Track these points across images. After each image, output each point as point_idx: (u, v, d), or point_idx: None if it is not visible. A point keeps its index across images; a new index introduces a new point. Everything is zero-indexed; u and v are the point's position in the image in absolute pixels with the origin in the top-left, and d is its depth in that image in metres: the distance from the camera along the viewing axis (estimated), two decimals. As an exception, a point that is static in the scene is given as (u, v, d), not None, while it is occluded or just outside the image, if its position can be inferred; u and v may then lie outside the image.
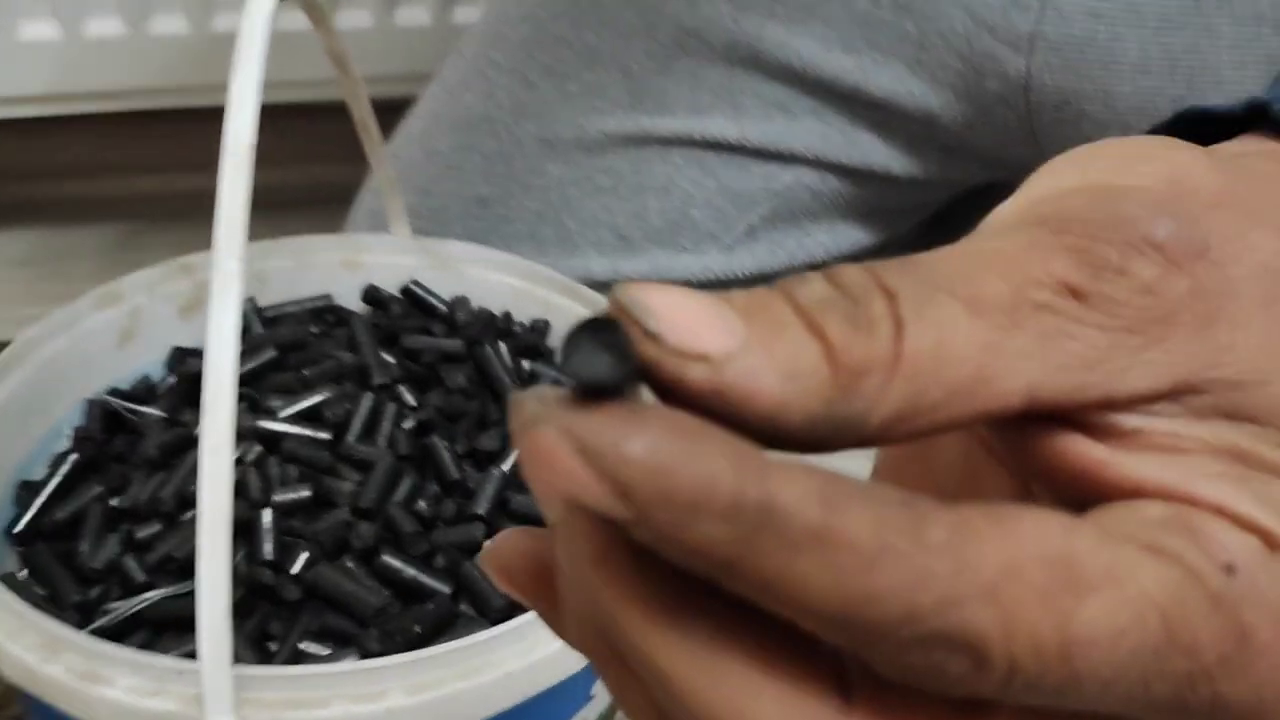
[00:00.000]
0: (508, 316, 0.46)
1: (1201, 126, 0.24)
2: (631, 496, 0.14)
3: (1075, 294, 0.17)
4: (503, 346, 0.43)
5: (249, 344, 0.42)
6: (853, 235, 0.57)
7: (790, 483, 0.14)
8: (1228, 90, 0.45)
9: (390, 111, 0.63)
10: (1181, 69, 0.46)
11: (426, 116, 0.57)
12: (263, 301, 0.45)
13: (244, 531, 0.35)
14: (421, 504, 0.37)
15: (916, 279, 0.17)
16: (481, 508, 0.37)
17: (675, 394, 0.15)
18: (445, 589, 0.35)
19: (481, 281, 0.47)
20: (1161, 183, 0.19)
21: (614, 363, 0.14)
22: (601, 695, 0.36)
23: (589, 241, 0.54)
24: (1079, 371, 0.17)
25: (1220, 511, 0.17)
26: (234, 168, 0.28)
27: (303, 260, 0.47)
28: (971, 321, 0.16)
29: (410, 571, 0.35)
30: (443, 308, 0.46)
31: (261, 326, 0.44)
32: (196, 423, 0.39)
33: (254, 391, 0.40)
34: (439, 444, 0.38)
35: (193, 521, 0.36)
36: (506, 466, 0.38)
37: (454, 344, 0.43)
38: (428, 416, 0.40)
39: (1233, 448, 0.18)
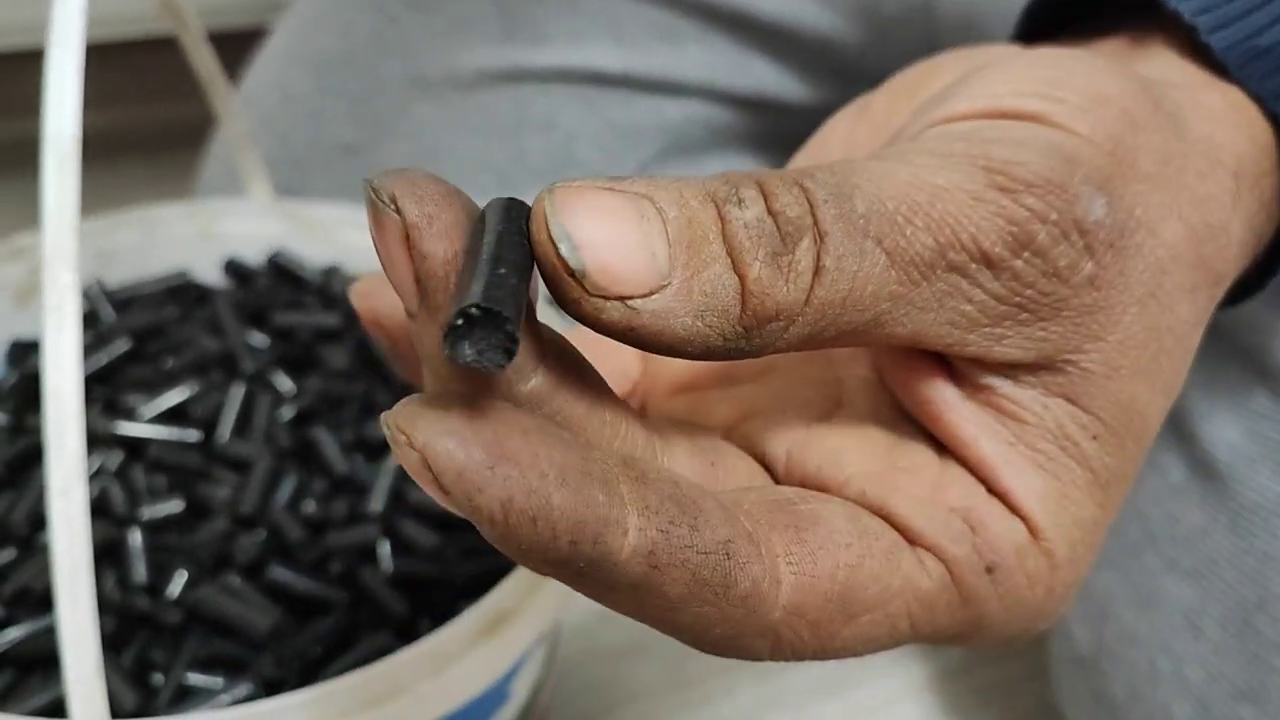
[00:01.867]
0: (387, 282, 0.42)
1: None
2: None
3: (989, 263, 0.18)
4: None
5: (99, 334, 0.38)
6: (749, 167, 0.54)
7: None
8: None
9: (241, 42, 0.58)
10: None
11: (280, 56, 0.52)
12: (111, 282, 0.41)
13: (112, 553, 0.32)
14: (309, 505, 0.34)
15: (850, 220, 0.17)
16: (376, 505, 0.34)
17: (587, 324, 0.17)
18: (342, 599, 0.32)
19: (356, 246, 0.43)
20: (1108, 140, 0.19)
21: (502, 356, 0.15)
22: (519, 692, 0.34)
23: (468, 187, 0.50)
24: (962, 330, 0.19)
25: (1006, 496, 0.19)
26: (58, 164, 0.24)
27: (153, 233, 0.42)
28: (885, 273, 0.18)
29: (303, 584, 0.32)
30: (315, 279, 0.42)
31: (113, 311, 0.40)
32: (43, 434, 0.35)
33: (109, 389, 0.36)
34: (322, 435, 0.35)
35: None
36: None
37: (331, 319, 0.40)
38: (307, 404, 0.36)
39: (1059, 429, 0.19)
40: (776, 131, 0.53)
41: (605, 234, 0.16)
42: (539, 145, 0.50)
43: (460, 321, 0.15)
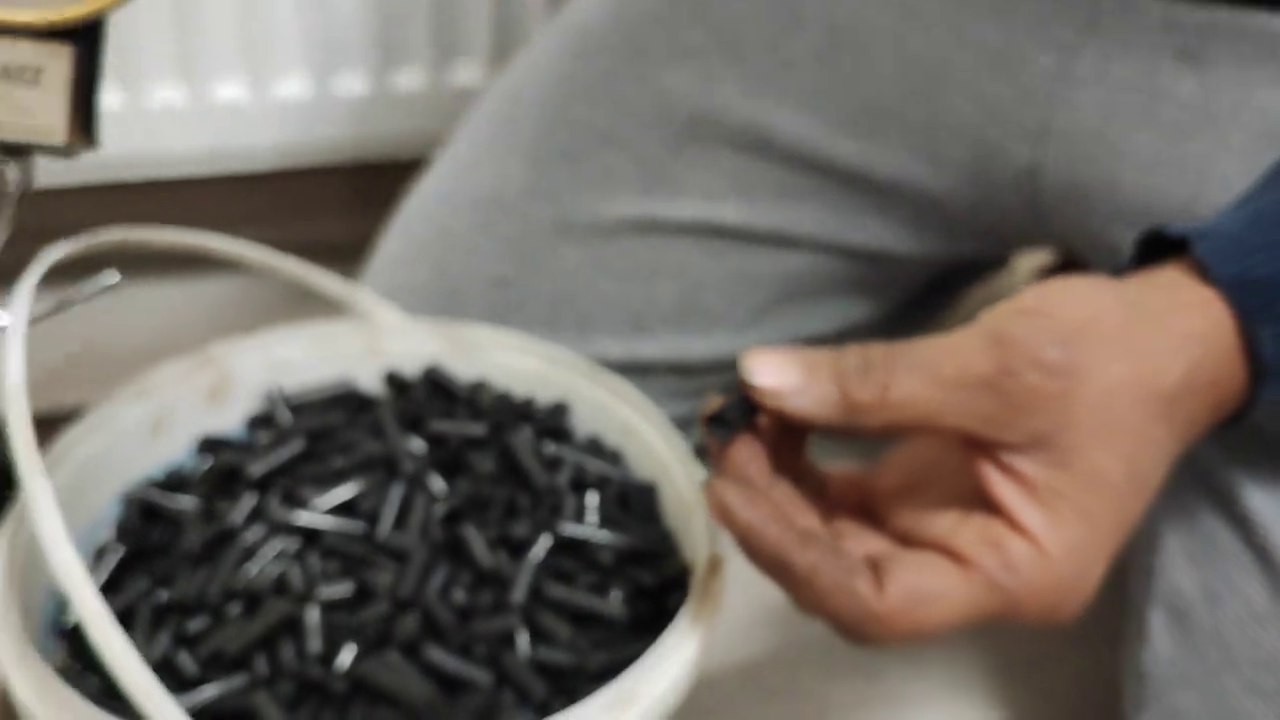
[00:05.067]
0: (529, 400, 0.47)
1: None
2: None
3: (988, 384, 0.32)
4: (526, 430, 0.45)
5: (278, 434, 0.43)
6: (855, 310, 0.59)
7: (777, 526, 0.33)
8: (1233, 192, 0.47)
9: (389, 172, 0.65)
10: (1191, 173, 0.48)
11: (439, 193, 0.58)
12: (288, 388, 0.46)
13: (291, 627, 0.36)
14: (458, 594, 0.38)
15: (906, 361, 0.33)
16: (518, 597, 0.38)
17: (762, 407, 0.34)
18: (487, 679, 0.36)
19: (502, 365, 0.48)
20: (1073, 319, 0.33)
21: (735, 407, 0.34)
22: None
23: (605, 323, 0.55)
24: (983, 423, 0.33)
25: (1020, 528, 0.33)
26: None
27: (325, 347, 0.48)
28: (928, 388, 0.33)
29: (453, 664, 0.36)
30: (465, 392, 0.47)
31: (289, 414, 0.45)
32: (231, 513, 0.40)
33: (289, 482, 0.41)
34: (470, 532, 0.40)
35: (240, 616, 0.37)
36: (540, 552, 0.40)
37: (478, 428, 0.44)
38: (457, 504, 0.41)
39: (1050, 484, 0.33)
40: (882, 278, 0.58)
41: (766, 360, 0.34)
42: (669, 289, 0.55)
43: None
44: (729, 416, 0.34)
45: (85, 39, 0.36)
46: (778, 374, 0.33)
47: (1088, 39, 0.48)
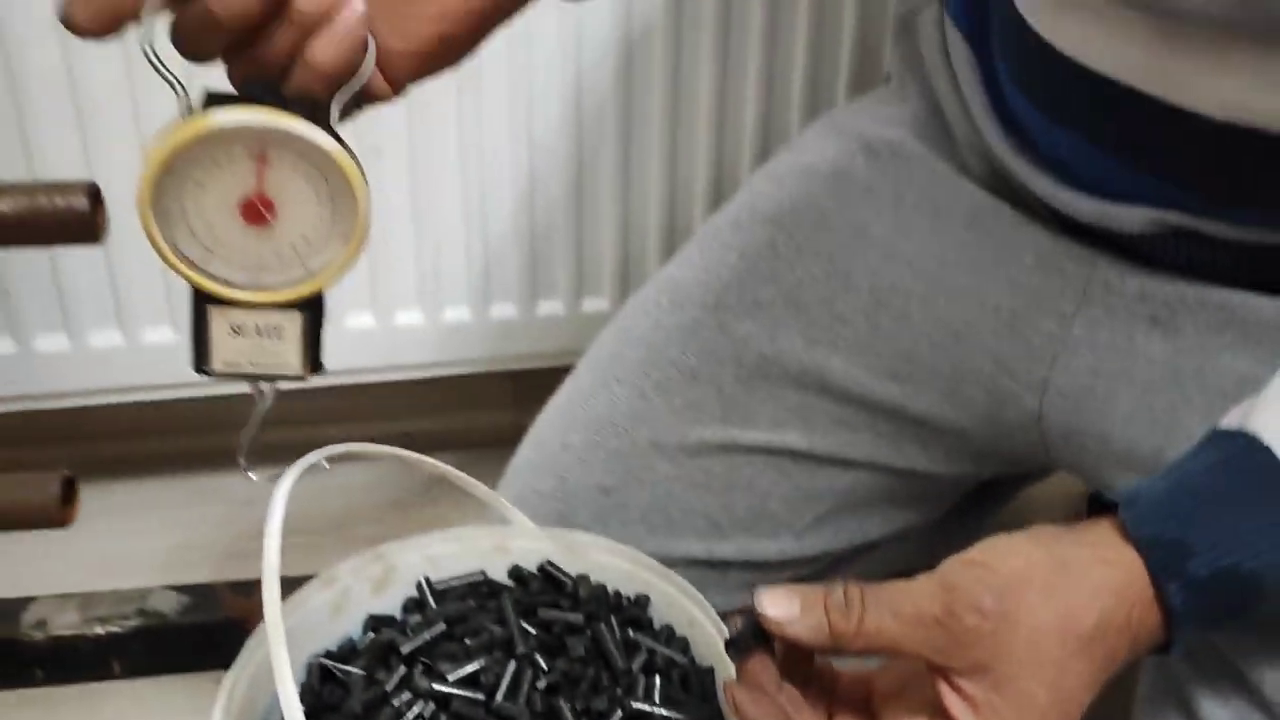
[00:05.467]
0: (618, 593, 0.59)
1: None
2: None
3: (938, 622, 0.42)
4: (613, 619, 0.56)
5: (426, 618, 0.56)
6: (901, 519, 0.70)
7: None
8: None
9: (535, 377, 0.78)
10: (1160, 424, 0.57)
11: (564, 414, 0.71)
12: (434, 578, 0.60)
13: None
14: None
15: (876, 599, 0.43)
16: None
17: (770, 631, 0.44)
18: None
19: (598, 563, 0.60)
20: (1009, 571, 0.43)
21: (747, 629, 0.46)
22: None
23: (689, 527, 0.67)
24: (934, 652, 0.43)
25: None
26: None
27: (466, 545, 0.61)
28: (892, 622, 0.43)
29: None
30: (569, 583, 0.59)
31: (434, 601, 0.58)
32: (388, 681, 0.53)
33: (430, 658, 0.54)
34: (563, 705, 0.51)
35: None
36: (614, 724, 0.51)
37: (576, 617, 0.56)
38: (555, 680, 0.53)
39: (989, 703, 0.42)
40: (924, 493, 0.68)
41: (774, 597, 0.45)
42: (742, 500, 0.67)
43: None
44: (742, 640, 0.45)
45: (311, 306, 0.49)
46: (781, 606, 0.43)
47: (1081, 308, 0.59)
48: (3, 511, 0.54)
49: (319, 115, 0.45)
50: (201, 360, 0.49)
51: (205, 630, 0.75)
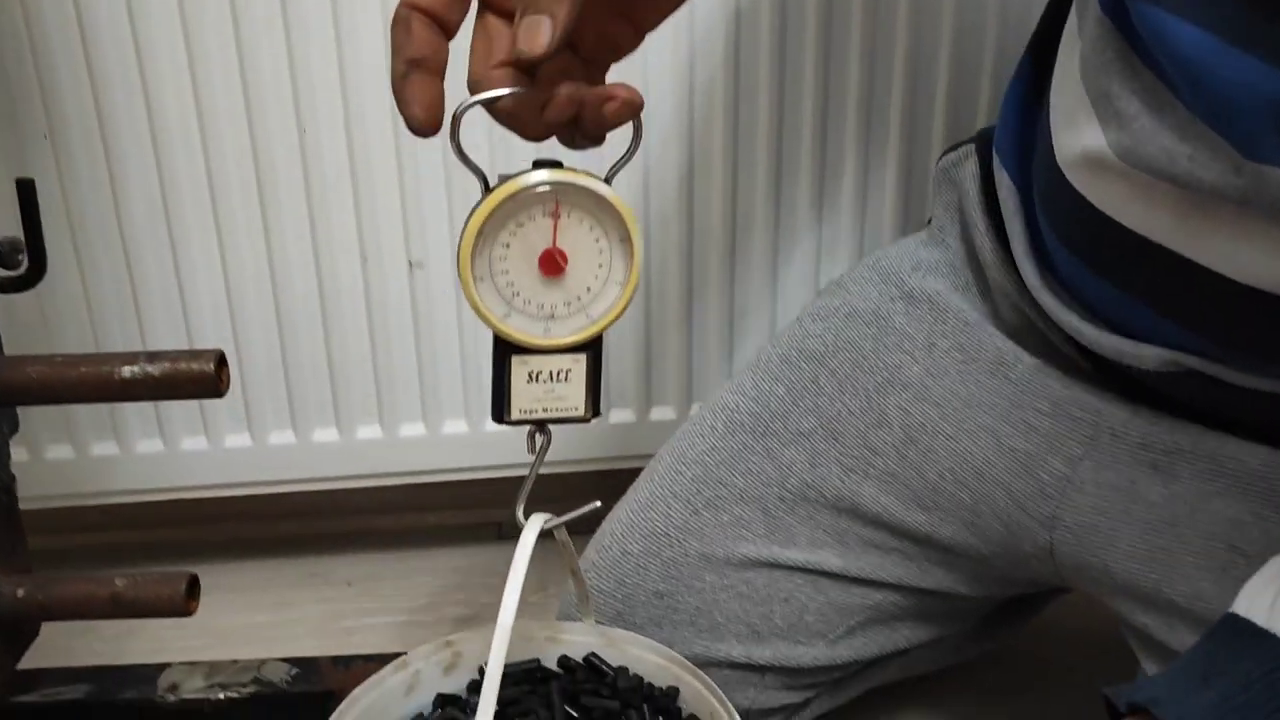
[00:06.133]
0: (651, 685, 0.65)
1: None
2: None
3: None
4: (645, 707, 0.62)
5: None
6: (929, 631, 0.76)
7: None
8: (1191, 582, 0.61)
9: (604, 477, 0.85)
10: (1158, 562, 0.62)
11: (625, 523, 0.78)
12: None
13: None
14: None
15: None
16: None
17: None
18: None
19: (635, 657, 0.65)
20: None
21: None
22: None
23: (731, 632, 0.73)
24: None
25: None
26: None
27: (523, 635, 0.67)
28: None
29: None
30: (610, 673, 0.65)
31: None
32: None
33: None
34: (596, 785, 0.58)
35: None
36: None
37: (614, 704, 0.62)
38: (593, 763, 0.59)
39: None
40: (950, 609, 0.74)
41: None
42: (780, 611, 0.73)
43: None
44: None
45: (593, 350, 0.54)
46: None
47: (1089, 452, 0.65)
48: (139, 602, 0.63)
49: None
50: (501, 412, 0.55)
51: (309, 698, 0.83)
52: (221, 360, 0.62)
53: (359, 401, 0.94)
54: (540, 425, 0.56)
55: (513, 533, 0.68)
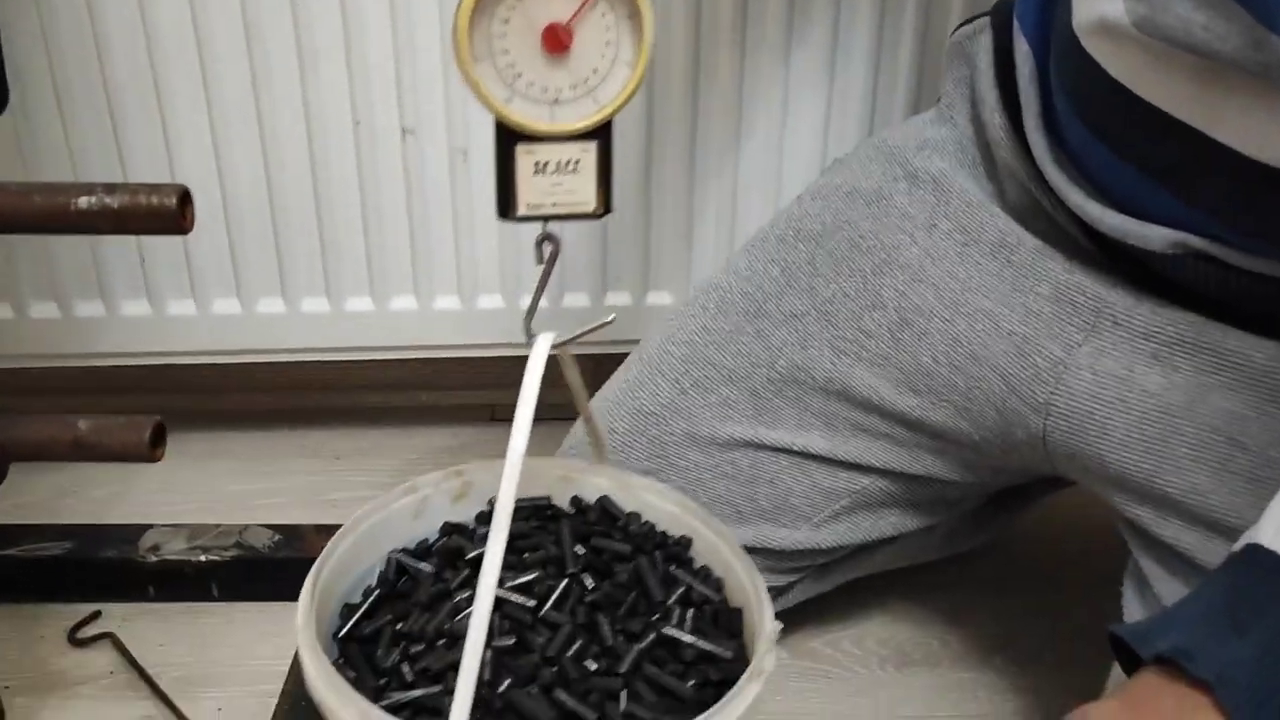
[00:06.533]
0: (664, 533, 0.64)
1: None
2: None
3: None
4: (658, 554, 0.62)
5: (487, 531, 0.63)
6: (916, 519, 0.76)
7: None
8: (1186, 475, 0.61)
9: (600, 362, 0.85)
10: (1153, 453, 0.62)
11: (614, 402, 0.78)
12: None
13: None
14: (587, 662, 0.56)
15: None
16: (623, 669, 0.56)
17: None
18: (593, 717, 0.53)
19: (649, 504, 0.65)
20: None
21: None
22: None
23: (715, 512, 0.73)
24: None
25: None
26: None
27: (536, 472, 0.65)
28: None
29: (572, 703, 0.53)
30: (622, 518, 0.64)
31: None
32: (453, 580, 0.59)
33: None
34: (602, 620, 0.58)
35: (443, 647, 0.56)
36: (645, 643, 0.57)
37: (624, 548, 0.61)
38: (598, 599, 0.59)
39: None
40: (938, 497, 0.74)
41: None
42: (765, 493, 0.74)
43: None
44: None
45: (603, 138, 0.51)
46: None
47: (1089, 338, 0.65)
48: (102, 446, 0.62)
49: None
50: (506, 207, 0.52)
51: (291, 564, 0.83)
52: (185, 196, 0.60)
53: (350, 272, 0.92)
54: (548, 236, 0.53)
55: (506, 415, 0.67)
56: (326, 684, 0.51)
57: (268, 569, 0.83)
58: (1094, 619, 0.79)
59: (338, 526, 0.83)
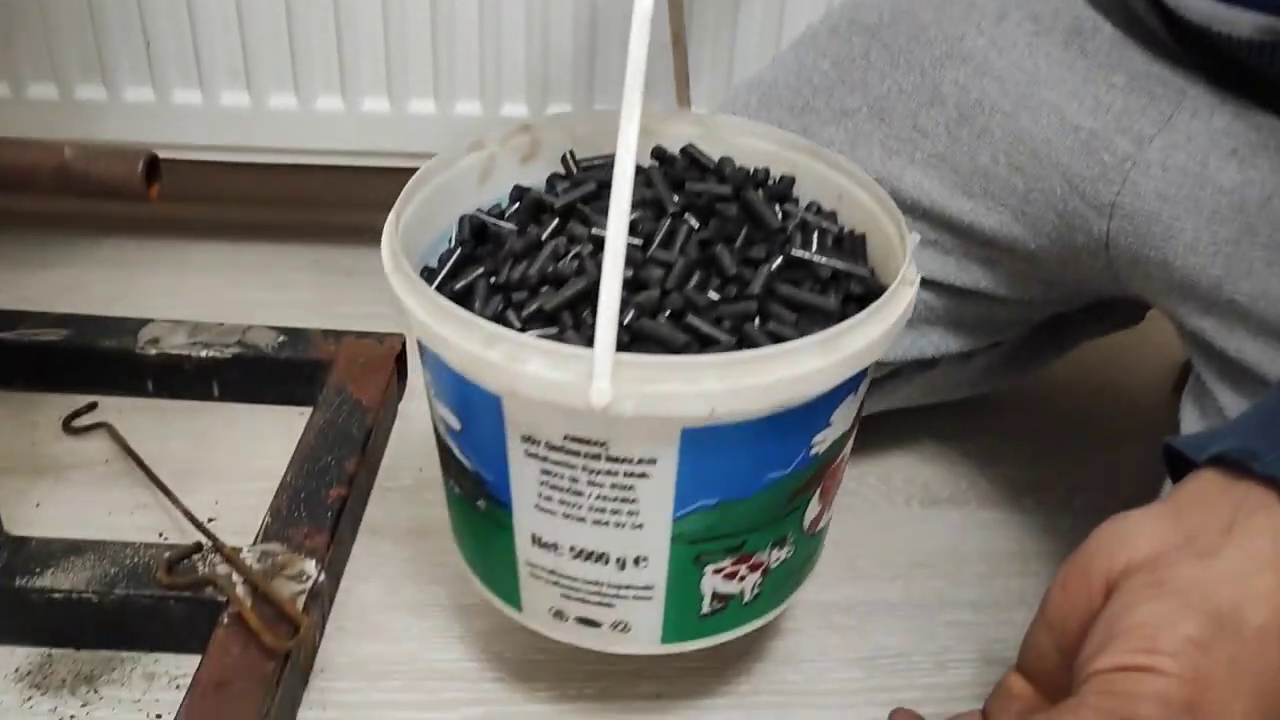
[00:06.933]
0: (766, 171, 0.58)
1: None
2: None
3: None
4: (760, 193, 0.56)
5: (574, 181, 0.56)
6: (959, 341, 0.70)
7: None
8: (1257, 280, 0.54)
9: None
10: (1222, 256, 0.55)
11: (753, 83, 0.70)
12: (580, 156, 0.59)
13: (587, 297, 0.49)
14: (711, 293, 0.50)
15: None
16: (755, 290, 0.50)
17: None
18: (730, 340, 0.48)
19: (742, 147, 0.59)
20: (1191, 672, 0.36)
21: None
22: (838, 423, 0.49)
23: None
24: None
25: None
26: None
27: (608, 125, 0.60)
28: None
29: (705, 327, 0.48)
30: (712, 164, 0.58)
31: (580, 172, 0.58)
32: (541, 233, 0.53)
33: (586, 209, 0.54)
34: (722, 250, 0.52)
35: (548, 292, 0.50)
36: (773, 266, 0.51)
37: (724, 189, 0.56)
38: (710, 235, 0.53)
39: None
40: (985, 316, 0.68)
41: None
42: None
43: None
44: None
45: None
46: None
47: (1162, 131, 0.57)
48: (90, 177, 0.54)
49: None
50: None
51: (295, 366, 0.79)
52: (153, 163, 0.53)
53: (367, 70, 0.86)
54: None
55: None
56: (443, 317, 0.45)
57: (271, 369, 0.79)
58: (1128, 469, 0.77)
59: (346, 332, 0.80)
